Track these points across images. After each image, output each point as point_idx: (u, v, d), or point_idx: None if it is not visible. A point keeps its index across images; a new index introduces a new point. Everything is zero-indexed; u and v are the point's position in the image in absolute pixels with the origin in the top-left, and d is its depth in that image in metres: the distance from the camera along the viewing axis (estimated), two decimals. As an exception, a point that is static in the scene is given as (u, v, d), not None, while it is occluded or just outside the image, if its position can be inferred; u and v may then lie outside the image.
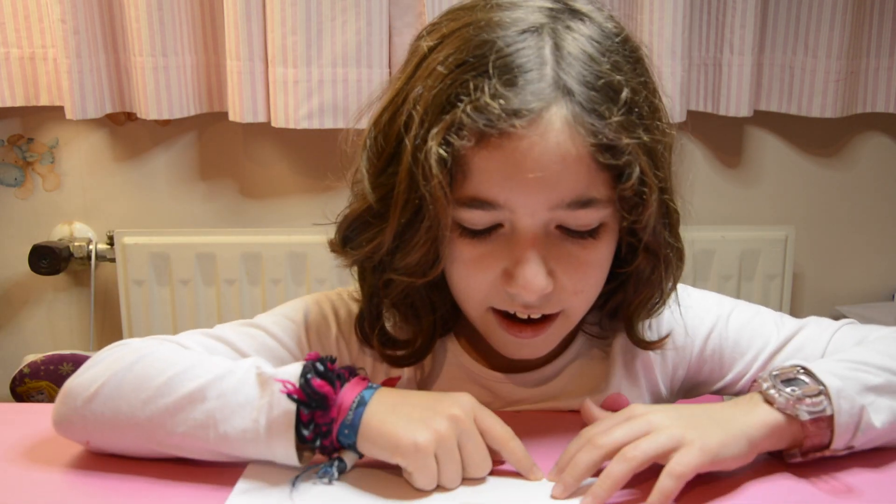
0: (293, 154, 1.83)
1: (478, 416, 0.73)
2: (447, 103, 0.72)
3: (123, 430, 0.75)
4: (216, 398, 0.72)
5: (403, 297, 0.83)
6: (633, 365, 0.90)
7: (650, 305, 0.84)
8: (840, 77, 1.71)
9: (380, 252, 0.78)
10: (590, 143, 0.71)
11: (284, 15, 1.61)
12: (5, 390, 1.74)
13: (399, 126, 0.75)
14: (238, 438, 0.71)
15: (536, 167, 0.70)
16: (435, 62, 0.73)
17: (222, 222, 1.86)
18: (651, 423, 0.71)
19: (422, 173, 0.71)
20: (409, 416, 0.71)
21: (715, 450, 0.69)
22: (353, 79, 1.66)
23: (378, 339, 0.86)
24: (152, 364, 0.75)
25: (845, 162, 1.90)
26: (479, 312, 0.80)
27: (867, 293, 1.95)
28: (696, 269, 1.79)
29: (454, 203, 0.73)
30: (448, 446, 0.70)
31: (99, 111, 1.68)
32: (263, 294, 1.77)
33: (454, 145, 0.71)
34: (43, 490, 0.74)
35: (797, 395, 0.72)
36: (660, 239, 0.78)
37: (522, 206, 0.72)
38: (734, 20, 1.69)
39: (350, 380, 0.74)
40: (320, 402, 0.71)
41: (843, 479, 0.73)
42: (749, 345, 0.89)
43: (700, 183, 1.87)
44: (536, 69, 0.71)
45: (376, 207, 0.77)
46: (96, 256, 1.81)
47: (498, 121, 0.70)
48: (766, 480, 0.73)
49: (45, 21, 1.67)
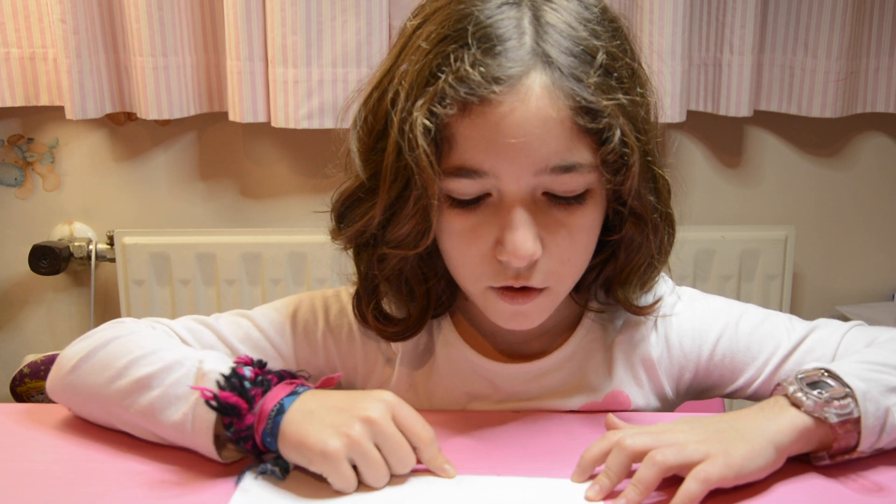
0: (293, 154, 1.83)
1: (396, 414, 0.73)
2: (430, 76, 0.74)
3: (92, 403, 0.82)
4: (160, 388, 0.77)
5: (397, 273, 0.84)
6: (636, 365, 0.89)
7: (642, 273, 0.84)
8: (840, 77, 1.71)
9: (371, 226, 0.80)
10: (569, 107, 0.72)
11: (284, 15, 1.61)
12: (5, 390, 1.74)
13: (387, 104, 0.77)
14: (171, 429, 0.76)
15: (518, 132, 0.72)
16: (419, 39, 0.76)
17: (222, 222, 1.86)
18: (677, 437, 0.71)
19: (408, 144, 0.73)
20: (322, 421, 0.71)
21: (739, 464, 0.69)
22: (352, 79, 1.66)
23: (373, 315, 0.86)
24: (123, 345, 0.82)
25: (845, 162, 1.90)
26: (478, 290, 0.81)
27: (867, 293, 1.95)
28: (696, 269, 1.79)
29: (441, 174, 0.74)
30: (361, 450, 0.70)
31: (99, 111, 1.68)
32: (263, 294, 1.77)
33: (438, 115, 0.73)
34: (43, 490, 0.74)
35: (825, 398, 0.72)
36: (646, 204, 0.79)
37: (507, 171, 0.74)
38: (734, 20, 1.69)
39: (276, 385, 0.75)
40: (230, 412, 0.73)
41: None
42: (760, 349, 0.88)
43: (700, 183, 1.87)
44: (515, 38, 0.73)
45: (368, 184, 0.79)
46: (96, 256, 1.81)
47: (478, 88, 0.72)
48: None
49: (45, 21, 1.67)
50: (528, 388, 0.89)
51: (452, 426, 0.84)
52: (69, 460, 0.79)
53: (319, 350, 0.91)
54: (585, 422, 0.86)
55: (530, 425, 0.85)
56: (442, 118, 0.73)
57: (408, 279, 0.85)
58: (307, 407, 0.73)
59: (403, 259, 0.81)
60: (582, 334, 0.89)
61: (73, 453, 0.80)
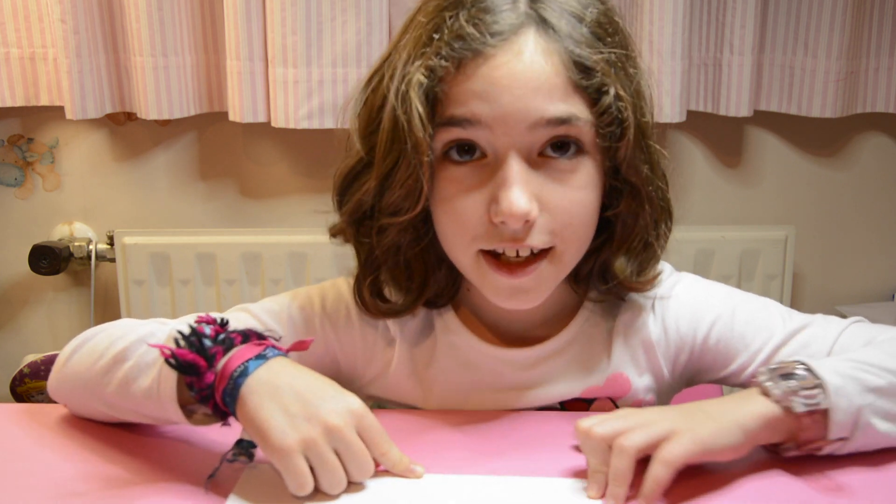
0: (293, 154, 1.83)
1: (360, 424, 0.72)
2: (427, 40, 0.77)
3: (80, 391, 0.83)
4: (134, 358, 0.77)
5: (395, 250, 0.83)
6: (635, 347, 0.90)
7: (639, 251, 0.85)
8: (840, 77, 1.71)
9: (368, 196, 0.80)
10: (562, 62, 0.75)
11: (284, 15, 1.61)
12: (5, 390, 1.74)
13: (386, 81, 0.79)
14: (143, 397, 0.76)
15: (512, 84, 0.74)
16: (418, 16, 0.80)
17: (222, 222, 1.86)
18: (643, 418, 0.72)
19: (401, 102, 0.75)
20: (286, 408, 0.70)
21: (706, 439, 0.70)
22: (353, 79, 1.66)
23: (369, 289, 0.86)
24: (110, 332, 0.83)
25: (845, 162, 1.90)
26: (470, 257, 0.80)
27: (867, 293, 1.95)
28: (697, 269, 1.79)
29: (429, 127, 0.75)
30: (318, 452, 0.70)
31: (99, 111, 1.68)
32: (263, 294, 1.77)
33: (434, 71, 0.75)
34: (43, 490, 0.74)
35: (792, 388, 0.72)
36: (641, 175, 0.80)
37: (501, 122, 0.75)
38: (734, 20, 1.69)
39: (242, 345, 0.74)
40: (188, 370, 0.72)
41: (836, 477, 0.74)
42: (754, 337, 0.89)
43: (700, 183, 1.87)
44: (510, 3, 0.77)
45: (366, 158, 0.81)
46: (96, 256, 1.81)
47: (473, 41, 0.74)
48: (760, 477, 0.74)
49: (45, 21, 1.67)
50: (529, 374, 0.89)
51: (452, 426, 0.84)
52: (69, 460, 0.79)
53: (318, 338, 0.91)
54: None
55: (530, 424, 0.85)
56: (438, 74, 0.75)
57: (406, 259, 0.85)
58: (272, 379, 0.72)
59: (401, 231, 0.81)
60: (582, 320, 0.89)
61: (73, 453, 0.80)
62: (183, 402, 0.75)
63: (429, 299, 0.88)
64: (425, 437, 0.83)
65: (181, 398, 0.75)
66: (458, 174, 0.78)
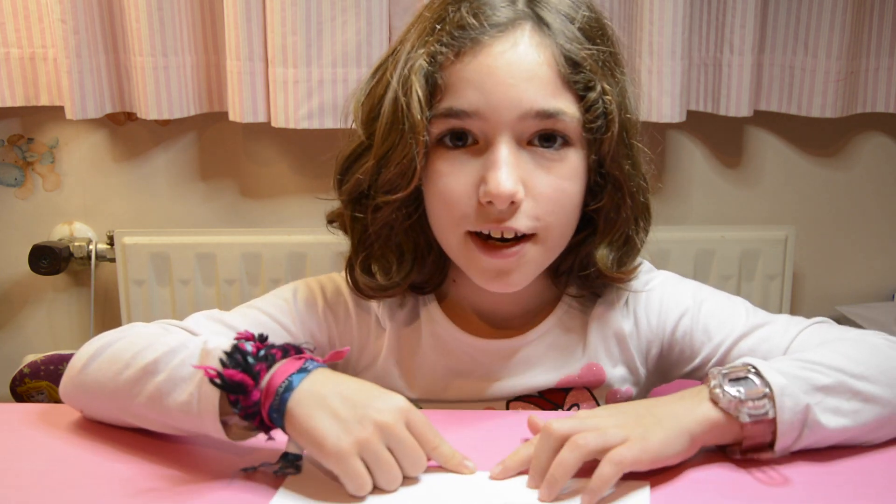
0: (293, 154, 1.83)
1: (409, 420, 0.73)
2: (430, 31, 0.83)
3: (102, 399, 0.82)
4: (165, 371, 0.77)
5: (388, 229, 0.87)
6: (609, 339, 0.93)
7: (620, 245, 0.88)
8: (840, 77, 1.71)
9: (366, 175, 0.84)
10: (554, 56, 0.81)
11: (284, 15, 1.61)
12: (5, 390, 1.74)
13: (389, 70, 0.84)
14: (178, 411, 0.75)
15: (507, 75, 0.80)
16: (424, 12, 0.86)
17: (222, 222, 1.86)
18: (598, 422, 0.73)
19: (402, 86, 0.81)
20: (335, 414, 0.71)
21: (655, 449, 0.72)
22: (353, 79, 1.66)
23: (361, 267, 0.89)
24: (131, 340, 0.83)
25: (845, 162, 1.90)
26: (458, 238, 0.84)
27: (867, 293, 1.95)
28: (696, 269, 1.79)
29: (431, 116, 0.80)
30: (373, 451, 0.70)
31: (99, 111, 1.68)
32: (263, 294, 1.77)
33: (436, 59, 0.81)
34: (43, 490, 0.74)
35: (739, 398, 0.73)
36: (624, 171, 0.85)
37: (494, 111, 0.80)
38: (734, 20, 1.69)
39: (283, 360, 0.74)
40: (236, 389, 0.72)
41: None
42: (717, 330, 0.91)
43: (700, 183, 1.87)
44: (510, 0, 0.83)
45: (366, 142, 0.85)
46: (96, 256, 1.81)
47: (472, 30, 0.81)
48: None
49: (45, 21, 1.67)
50: (508, 363, 0.92)
51: (450, 426, 0.84)
52: (70, 460, 0.79)
53: (322, 326, 0.95)
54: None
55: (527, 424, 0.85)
56: (438, 60, 0.80)
57: (398, 240, 0.88)
58: (318, 389, 0.73)
59: (395, 210, 0.85)
60: (561, 312, 0.93)
61: (74, 453, 0.80)
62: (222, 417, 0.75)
63: (416, 284, 0.92)
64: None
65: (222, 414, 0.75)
66: (450, 157, 0.82)
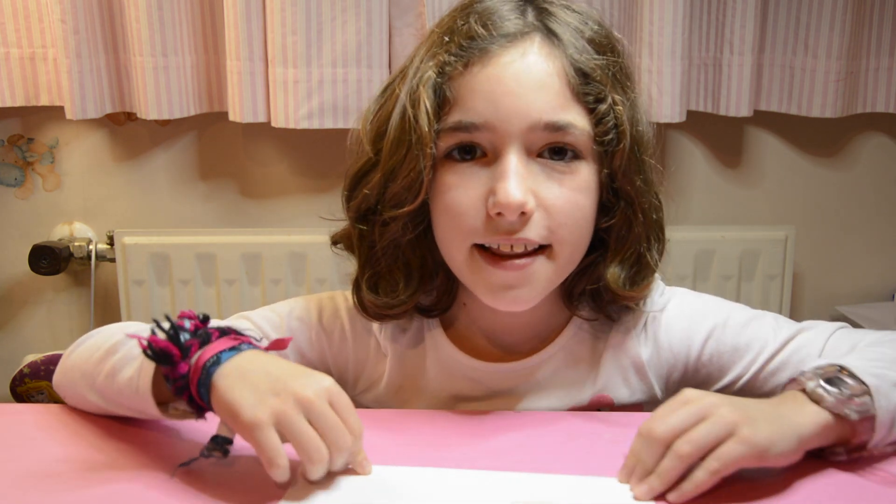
0: (293, 154, 1.83)
1: (333, 400, 0.71)
2: (439, 42, 0.82)
3: (77, 382, 0.85)
4: (123, 350, 0.80)
5: (395, 246, 0.85)
6: (626, 368, 0.90)
7: (632, 264, 0.86)
8: (840, 77, 1.71)
9: (373, 190, 0.83)
10: (563, 67, 0.79)
11: (284, 15, 1.61)
12: (5, 390, 1.74)
13: (397, 85, 0.83)
14: (125, 387, 0.77)
15: (515, 85, 0.78)
16: (435, 28, 0.85)
17: (222, 222, 1.86)
18: (705, 406, 0.71)
19: (410, 99, 0.79)
20: (255, 387, 0.70)
21: (763, 445, 0.69)
22: (353, 79, 1.66)
23: (367, 285, 0.87)
24: (110, 329, 0.87)
25: (845, 162, 1.90)
26: (464, 253, 0.82)
27: (867, 293, 1.95)
28: (696, 269, 1.79)
29: (439, 128, 0.79)
30: (289, 423, 0.68)
31: (99, 111, 1.68)
32: (263, 294, 1.77)
33: (445, 71, 0.80)
34: (43, 490, 0.74)
35: (847, 396, 0.73)
36: (636, 188, 0.83)
37: (502, 122, 0.78)
38: (734, 20, 1.69)
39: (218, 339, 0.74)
40: (162, 358, 0.73)
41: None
42: (747, 348, 0.89)
43: (700, 183, 1.87)
44: (518, 11, 0.82)
45: (374, 159, 0.84)
46: (96, 256, 1.81)
47: (482, 40, 0.79)
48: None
49: (45, 21, 1.67)
50: (513, 387, 0.90)
51: (450, 425, 0.85)
52: (69, 460, 0.79)
53: (314, 347, 0.94)
54: (585, 419, 0.86)
55: (531, 425, 0.85)
56: (447, 71, 0.79)
57: (406, 259, 0.86)
58: (244, 365, 0.72)
59: (402, 226, 0.84)
60: (570, 335, 0.90)
61: (73, 453, 0.80)
62: (163, 398, 0.76)
63: (423, 307, 0.90)
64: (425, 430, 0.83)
65: (161, 395, 0.76)
66: (458, 170, 0.81)
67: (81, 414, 0.87)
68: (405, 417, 0.88)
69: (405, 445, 0.81)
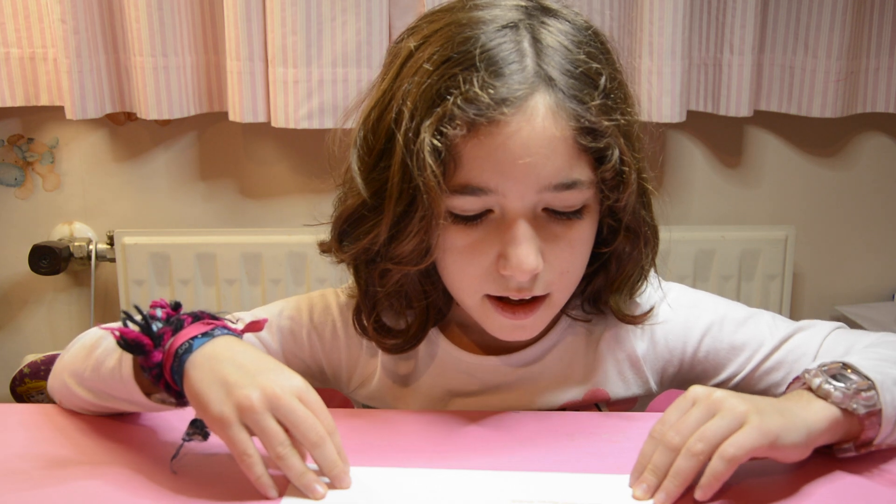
0: (293, 154, 1.83)
1: (303, 398, 0.71)
2: (437, 97, 0.75)
3: (68, 380, 0.85)
4: (104, 344, 0.80)
5: (398, 288, 0.85)
6: (621, 361, 0.91)
7: (632, 283, 0.87)
8: (840, 77, 1.71)
9: (376, 243, 0.81)
10: (572, 127, 0.75)
11: (284, 15, 1.61)
12: (5, 390, 1.74)
13: (388, 123, 0.78)
14: (109, 377, 0.78)
15: (524, 152, 0.74)
16: (420, 60, 0.77)
17: (222, 222, 1.86)
18: (714, 402, 0.71)
19: (416, 164, 0.75)
20: (224, 378, 0.70)
21: (775, 432, 0.69)
22: (353, 79, 1.66)
23: (373, 327, 0.88)
24: (94, 331, 0.87)
25: (845, 162, 1.90)
26: (475, 301, 0.82)
27: (867, 293, 1.95)
28: (696, 269, 1.79)
29: (447, 191, 0.76)
30: (255, 419, 0.69)
31: (99, 111, 1.68)
32: (263, 294, 1.77)
33: (447, 135, 0.74)
34: (43, 490, 0.74)
35: (853, 390, 0.73)
36: (639, 218, 0.83)
37: (512, 189, 0.76)
38: (734, 20, 1.69)
39: (191, 325, 0.75)
40: (134, 348, 0.74)
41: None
42: (743, 346, 0.90)
43: (700, 183, 1.87)
44: (518, 61, 0.76)
45: (370, 202, 0.80)
46: (96, 256, 1.81)
47: (487, 109, 0.74)
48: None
49: (45, 21, 1.67)
50: (508, 381, 0.90)
51: (449, 425, 0.85)
52: (69, 460, 0.79)
53: (304, 346, 0.93)
54: (582, 418, 0.86)
55: (533, 425, 0.85)
56: (450, 138, 0.74)
57: (408, 293, 0.86)
58: (216, 353, 0.72)
59: (405, 274, 0.83)
60: (563, 327, 0.91)
61: (74, 453, 0.80)
62: (146, 387, 0.77)
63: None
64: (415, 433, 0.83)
65: (145, 384, 0.77)
66: (467, 229, 0.78)
67: (68, 413, 0.88)
68: (404, 417, 0.88)
69: (404, 446, 0.81)
